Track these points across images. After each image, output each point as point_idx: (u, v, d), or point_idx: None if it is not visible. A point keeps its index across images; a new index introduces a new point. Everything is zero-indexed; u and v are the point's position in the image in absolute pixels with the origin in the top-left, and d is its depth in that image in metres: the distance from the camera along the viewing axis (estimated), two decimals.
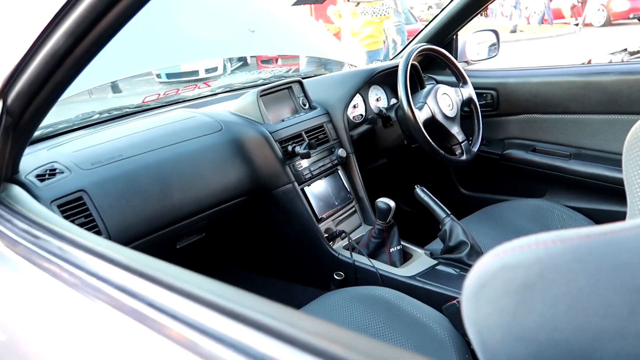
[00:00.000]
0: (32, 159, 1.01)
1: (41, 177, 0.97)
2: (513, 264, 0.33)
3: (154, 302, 0.48)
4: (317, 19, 5.08)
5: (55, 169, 1.00)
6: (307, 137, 1.45)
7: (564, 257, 0.32)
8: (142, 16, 0.59)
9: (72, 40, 0.60)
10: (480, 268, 0.35)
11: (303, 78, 1.65)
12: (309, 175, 1.41)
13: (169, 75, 9.72)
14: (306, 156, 1.38)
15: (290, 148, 1.36)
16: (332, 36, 2.27)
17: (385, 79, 1.77)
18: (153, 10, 0.73)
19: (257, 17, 1.94)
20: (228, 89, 1.77)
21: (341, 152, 1.50)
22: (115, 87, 2.85)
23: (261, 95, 1.40)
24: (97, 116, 1.37)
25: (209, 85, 1.79)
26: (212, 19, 1.84)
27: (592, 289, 0.31)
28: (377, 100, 1.79)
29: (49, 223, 0.68)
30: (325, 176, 1.51)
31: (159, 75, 10.03)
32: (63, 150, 1.08)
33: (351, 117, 1.67)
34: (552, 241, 0.33)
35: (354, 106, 1.70)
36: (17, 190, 0.84)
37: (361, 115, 1.72)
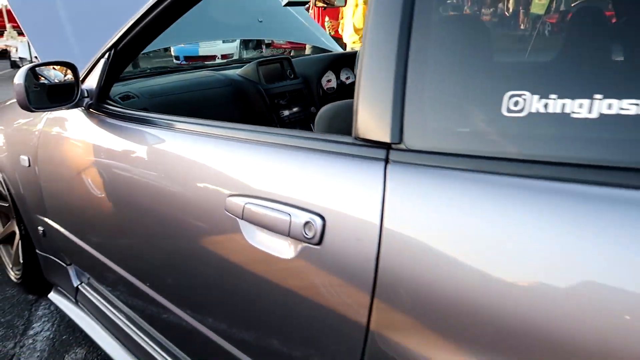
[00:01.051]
0: (116, 89, 1.67)
1: (122, 98, 1.63)
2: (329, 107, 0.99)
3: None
4: (324, 16, 5.70)
5: (130, 96, 1.66)
6: (289, 95, 2.11)
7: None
8: None
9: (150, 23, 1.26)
10: (321, 110, 1.01)
11: (292, 57, 2.31)
12: (288, 121, 2.08)
13: (186, 58, 10.42)
14: (287, 107, 2.05)
15: (276, 101, 2.03)
16: (320, 27, 2.93)
17: (353, 62, 2.43)
18: None
19: (265, 10, 2.60)
20: (238, 61, 2.44)
21: (312, 109, 2.16)
22: (135, 65, 3.51)
23: (259, 65, 2.06)
24: (148, 70, 2.04)
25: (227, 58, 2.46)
26: (230, 8, 2.49)
27: None
28: (347, 78, 2.44)
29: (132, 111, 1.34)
30: (301, 128, 2.17)
31: (177, 57, 10.72)
32: (133, 87, 1.74)
33: (325, 88, 2.33)
34: None
35: (328, 80, 2.35)
36: (111, 103, 1.49)
37: (333, 87, 2.37)
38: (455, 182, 0.62)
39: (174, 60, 10.14)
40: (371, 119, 0.72)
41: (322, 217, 0.74)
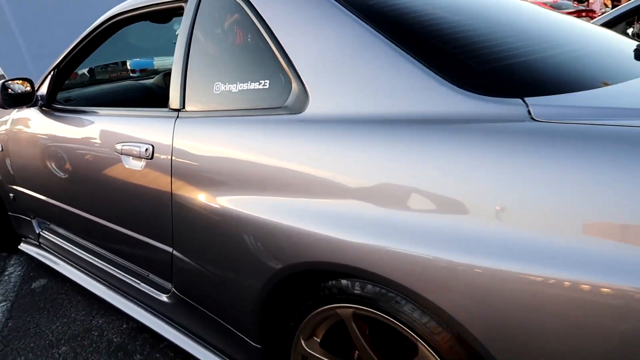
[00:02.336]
0: (61, 95, 2.46)
1: (65, 101, 2.42)
2: None
3: None
4: None
5: (70, 99, 2.46)
6: None
7: None
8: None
9: (81, 50, 2.08)
10: None
11: None
12: None
13: (141, 71, 11.23)
14: None
15: None
16: None
17: None
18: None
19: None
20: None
21: None
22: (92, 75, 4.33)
23: (165, 75, 2.88)
24: (86, 82, 2.85)
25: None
26: (152, 32, 3.31)
27: None
28: None
29: (74, 107, 2.15)
30: None
31: (133, 70, 11.47)
32: (73, 93, 2.54)
33: None
34: None
35: None
36: (57, 103, 2.29)
37: None
38: (204, 125, 1.45)
39: (130, 73, 10.98)
40: (173, 98, 1.55)
41: (153, 145, 1.57)
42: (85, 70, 3.37)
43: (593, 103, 0.95)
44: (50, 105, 2.23)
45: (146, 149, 1.59)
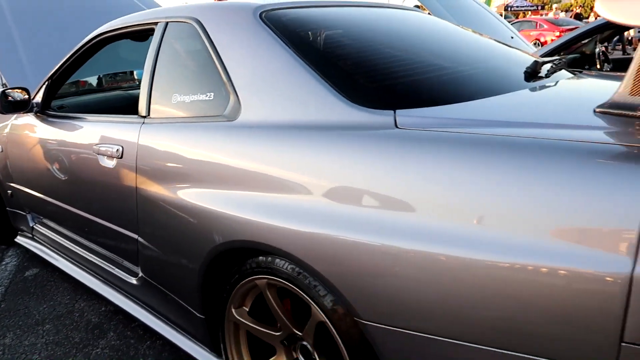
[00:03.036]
0: (55, 102, 2.75)
1: (58, 108, 2.71)
2: None
3: None
4: None
5: (63, 106, 2.75)
6: None
7: None
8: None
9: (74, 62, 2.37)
10: None
11: None
12: None
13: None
14: None
15: None
16: None
17: None
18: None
19: None
20: None
21: None
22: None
23: None
24: (80, 90, 3.14)
25: None
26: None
27: None
28: None
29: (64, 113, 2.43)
30: None
31: (138, 80, 11.90)
32: (65, 101, 2.83)
33: None
34: None
35: None
36: (50, 110, 2.58)
37: None
38: (163, 129, 1.71)
39: (137, 82, 11.37)
40: (141, 106, 1.83)
41: (122, 147, 1.84)
42: (95, 79, 3.67)
43: (450, 114, 1.20)
44: (44, 112, 2.52)
45: (117, 150, 1.85)
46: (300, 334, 1.37)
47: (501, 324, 0.93)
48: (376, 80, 1.35)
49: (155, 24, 1.91)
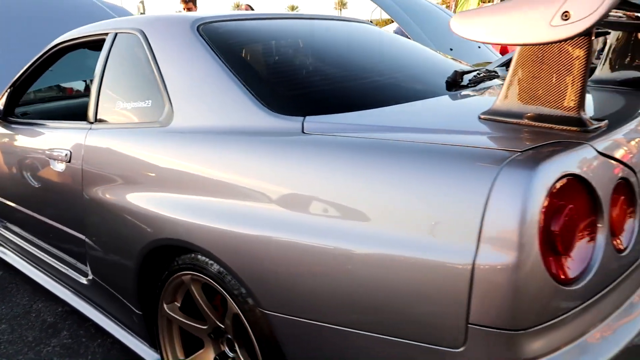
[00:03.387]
0: (19, 109, 2.82)
1: (22, 114, 2.79)
2: None
3: None
4: None
5: (27, 113, 2.83)
6: None
7: None
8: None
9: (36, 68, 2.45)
10: None
11: None
12: None
13: None
14: None
15: None
16: None
17: None
18: None
19: None
20: None
21: None
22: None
23: None
24: (45, 98, 3.22)
25: None
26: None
27: None
28: None
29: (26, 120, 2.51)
30: None
31: None
32: (29, 108, 2.91)
33: None
34: None
35: None
36: (13, 117, 2.65)
37: None
38: (106, 135, 1.80)
39: None
40: (89, 112, 1.91)
41: (71, 151, 1.92)
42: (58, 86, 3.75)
43: (354, 120, 1.30)
44: (7, 119, 2.59)
45: (66, 154, 1.94)
46: (223, 326, 1.45)
47: (376, 311, 1.03)
48: (291, 88, 1.45)
49: (106, 34, 2.00)
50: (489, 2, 5.69)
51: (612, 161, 1.04)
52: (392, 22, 6.08)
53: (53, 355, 2.08)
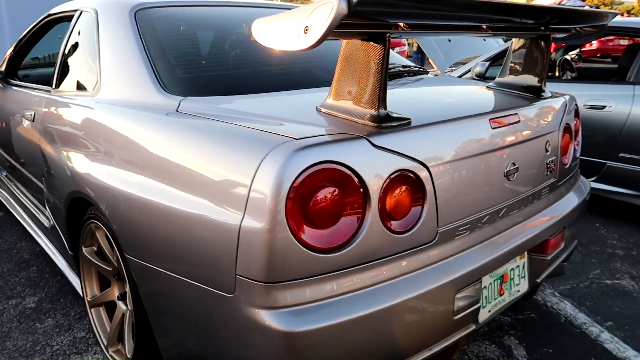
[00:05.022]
0: (21, 72, 3.18)
1: (24, 76, 3.14)
2: None
3: None
4: None
5: (28, 75, 3.18)
6: None
7: None
8: None
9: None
10: None
11: None
12: None
13: None
14: None
15: None
16: None
17: None
18: None
19: None
20: None
21: None
22: None
23: None
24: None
25: None
26: None
27: None
28: None
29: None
30: None
31: None
32: (31, 71, 3.26)
33: None
34: None
35: None
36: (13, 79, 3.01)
37: None
38: (56, 100, 2.09)
39: None
40: (53, 80, 2.21)
41: (34, 112, 2.23)
42: None
43: (219, 104, 1.50)
44: (7, 80, 2.96)
45: (31, 114, 2.25)
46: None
47: (182, 259, 1.26)
48: (187, 72, 1.68)
49: (76, 11, 2.28)
50: None
51: (393, 154, 1.20)
52: None
53: (17, 285, 2.45)
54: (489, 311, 1.54)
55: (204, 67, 1.71)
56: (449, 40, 4.68)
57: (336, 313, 1.13)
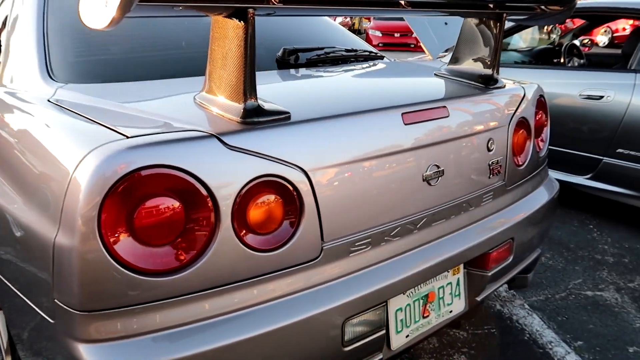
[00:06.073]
0: None
1: None
2: None
3: None
4: None
5: None
6: None
7: None
8: None
9: None
10: None
11: None
12: None
13: None
14: None
15: None
16: None
17: None
18: None
19: None
20: None
21: None
22: None
23: None
24: None
25: None
26: None
27: None
28: None
29: None
30: None
31: None
32: None
33: None
34: None
35: None
36: None
37: None
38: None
39: None
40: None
41: None
42: None
43: (90, 91, 1.31)
44: None
45: None
46: None
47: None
48: (77, 55, 1.49)
49: None
50: None
51: (254, 157, 0.99)
52: None
53: None
54: (407, 336, 1.33)
55: (97, 51, 1.52)
56: (446, 24, 4.35)
57: (173, 347, 0.94)
